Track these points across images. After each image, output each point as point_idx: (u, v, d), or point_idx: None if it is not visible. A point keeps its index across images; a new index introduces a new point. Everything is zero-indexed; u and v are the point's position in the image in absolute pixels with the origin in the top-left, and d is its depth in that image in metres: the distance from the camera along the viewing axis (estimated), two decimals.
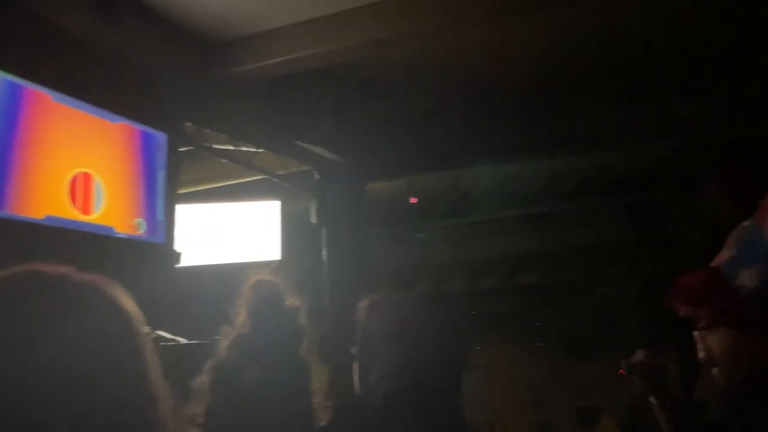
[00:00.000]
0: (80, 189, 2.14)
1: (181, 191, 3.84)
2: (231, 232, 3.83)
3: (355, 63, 3.00)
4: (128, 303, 0.76)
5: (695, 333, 1.13)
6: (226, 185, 4.09)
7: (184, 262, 2.59)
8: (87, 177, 2.17)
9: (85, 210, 2.14)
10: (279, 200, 3.91)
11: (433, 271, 6.43)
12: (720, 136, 3.75)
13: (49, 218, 2.02)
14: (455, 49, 2.98)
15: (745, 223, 1.09)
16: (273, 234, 3.88)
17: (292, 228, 4.19)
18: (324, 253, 3.84)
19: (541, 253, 6.03)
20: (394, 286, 6.16)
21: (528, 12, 2.58)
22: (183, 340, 2.72)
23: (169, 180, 2.47)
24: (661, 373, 1.36)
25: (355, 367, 1.46)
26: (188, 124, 2.85)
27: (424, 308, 1.57)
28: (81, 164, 2.15)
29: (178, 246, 2.50)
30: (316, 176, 3.79)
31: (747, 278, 0.66)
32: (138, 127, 2.37)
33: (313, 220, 3.84)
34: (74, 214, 2.11)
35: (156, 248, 2.39)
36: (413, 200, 4.71)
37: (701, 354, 1.14)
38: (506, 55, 3.06)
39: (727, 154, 4.08)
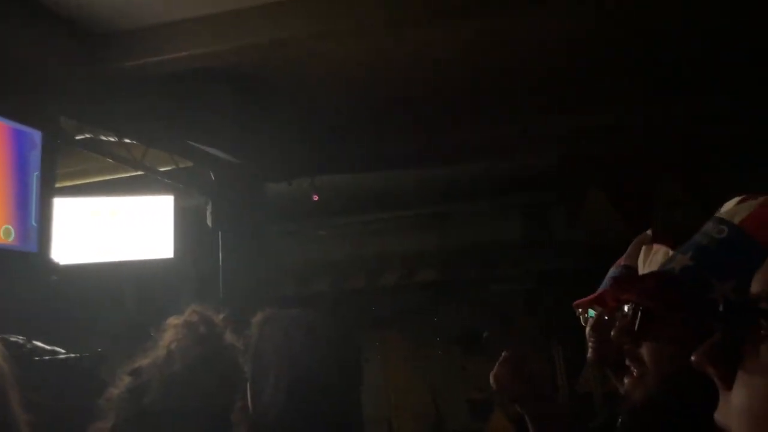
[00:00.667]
0: None
1: (64, 184, 3.58)
2: (119, 228, 3.61)
3: (253, 62, 2.91)
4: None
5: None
6: (115, 178, 3.82)
7: (67, 260, 2.41)
8: None
9: None
10: (172, 195, 3.73)
11: (333, 269, 6.42)
12: (605, 147, 4.00)
13: None
14: (356, 53, 2.97)
15: (649, 232, 1.13)
16: (166, 231, 3.68)
17: (187, 224, 4.01)
18: (220, 257, 3.71)
19: (438, 251, 6.18)
20: (294, 283, 6.10)
21: (423, 25, 2.62)
22: (62, 351, 2.54)
23: (44, 181, 2.28)
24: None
25: (249, 386, 1.42)
26: (67, 120, 2.64)
27: (316, 322, 1.56)
28: None
29: (54, 253, 2.32)
30: (212, 177, 3.64)
31: (722, 290, 0.67)
32: (8, 125, 2.16)
33: (209, 223, 3.69)
34: None
35: (28, 258, 2.20)
36: (315, 197, 4.68)
37: (590, 352, 1.17)
38: (408, 63, 3.09)
39: (610, 162, 4.37)
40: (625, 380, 0.80)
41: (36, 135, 2.25)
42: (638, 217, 4.10)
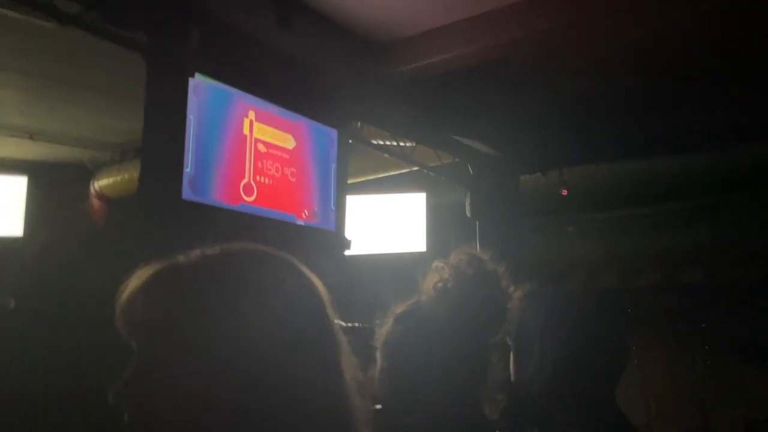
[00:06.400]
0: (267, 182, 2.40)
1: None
2: (380, 223, 3.94)
3: (509, 58, 3.02)
4: (321, 285, 0.77)
5: None
6: (374, 178, 4.18)
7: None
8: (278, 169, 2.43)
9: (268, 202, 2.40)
10: (424, 192, 3.97)
11: (586, 266, 6.21)
12: None
13: (243, 206, 2.31)
14: (608, 39, 2.90)
15: None
16: (419, 226, 3.94)
17: (440, 219, 4.24)
18: (477, 246, 3.89)
19: (709, 248, 5.57)
20: (545, 280, 6.01)
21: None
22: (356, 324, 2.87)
23: (340, 172, 2.69)
24: None
25: (511, 357, 1.42)
26: (355, 122, 3.06)
27: (579, 300, 1.51)
28: (277, 161, 2.42)
29: (347, 233, 2.71)
30: (471, 170, 3.85)
31: None
32: (315, 125, 2.61)
33: (468, 213, 3.89)
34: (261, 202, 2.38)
35: (328, 235, 2.62)
36: (564, 192, 4.63)
37: None
38: (664, 44, 2.92)
39: None
40: None
41: (333, 133, 2.68)
42: None
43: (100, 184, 4.64)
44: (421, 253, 3.95)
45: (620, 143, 3.83)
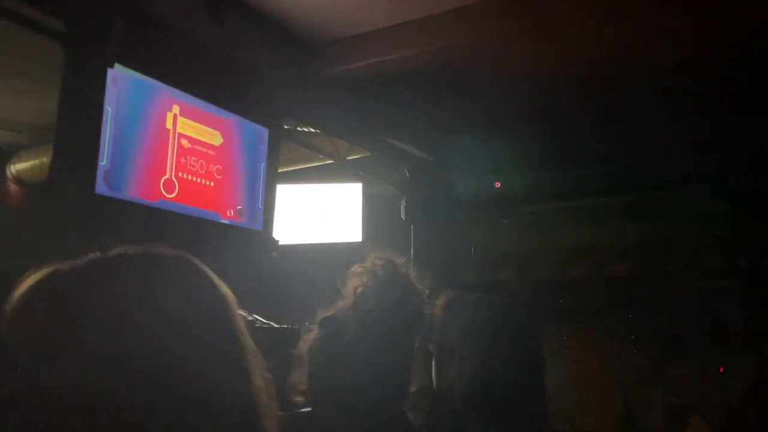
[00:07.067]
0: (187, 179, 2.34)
1: None
2: (313, 212, 3.92)
3: (448, 64, 3.02)
4: (217, 279, 0.76)
5: None
6: (308, 167, 4.07)
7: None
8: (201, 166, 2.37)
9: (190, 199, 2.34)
10: (361, 183, 3.97)
11: (519, 259, 6.36)
12: None
13: (162, 202, 2.24)
14: (543, 53, 2.95)
15: None
16: (355, 216, 3.94)
17: (377, 209, 4.23)
18: (411, 249, 3.90)
19: (634, 243, 5.81)
20: (477, 273, 6.13)
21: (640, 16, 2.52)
22: (274, 324, 2.85)
23: (269, 171, 2.65)
24: None
25: (433, 364, 1.44)
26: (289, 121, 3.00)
27: (500, 306, 1.56)
28: (202, 157, 2.36)
29: (278, 225, 2.66)
30: (407, 173, 3.85)
31: None
32: (245, 122, 2.55)
33: (402, 216, 3.90)
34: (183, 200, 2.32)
35: (255, 235, 2.58)
36: (497, 184, 4.72)
37: None
38: (590, 64, 2.99)
39: None
40: None
41: (264, 131, 2.63)
42: None
43: (17, 167, 4.41)
44: (357, 243, 3.95)
45: (556, 153, 3.92)
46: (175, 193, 2.26)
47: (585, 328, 7.02)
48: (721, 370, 6.22)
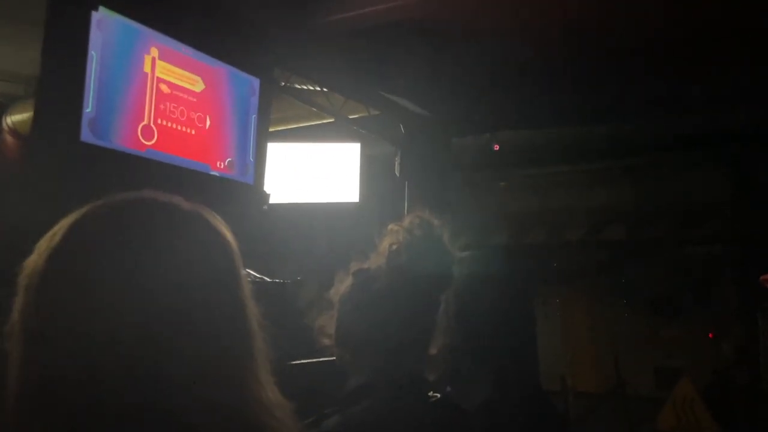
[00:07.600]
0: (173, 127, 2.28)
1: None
2: (310, 172, 3.88)
3: (443, 14, 2.93)
4: (230, 235, 0.78)
5: None
6: (305, 126, 4.09)
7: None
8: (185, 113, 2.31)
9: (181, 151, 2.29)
10: (359, 142, 3.93)
11: (514, 222, 6.36)
12: None
13: (150, 152, 2.18)
14: (543, 7, 2.85)
15: None
16: (352, 176, 3.91)
17: (375, 170, 4.20)
18: (405, 206, 3.88)
19: (631, 207, 5.81)
20: (473, 235, 6.10)
21: None
22: (267, 279, 2.85)
23: (260, 124, 2.58)
24: None
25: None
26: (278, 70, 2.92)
27: (500, 262, 1.59)
28: (182, 103, 2.29)
29: (266, 187, 2.63)
30: (402, 129, 3.79)
31: None
32: (235, 72, 2.47)
33: (397, 173, 3.85)
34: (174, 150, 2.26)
35: (245, 188, 2.53)
36: (496, 147, 4.67)
37: None
38: (604, 13, 2.89)
39: None
40: None
41: (255, 82, 2.55)
42: None
43: (13, 119, 4.35)
44: (354, 204, 3.93)
45: (554, 110, 3.85)
46: (153, 140, 2.18)
47: (579, 291, 7.07)
48: (711, 335, 6.30)
